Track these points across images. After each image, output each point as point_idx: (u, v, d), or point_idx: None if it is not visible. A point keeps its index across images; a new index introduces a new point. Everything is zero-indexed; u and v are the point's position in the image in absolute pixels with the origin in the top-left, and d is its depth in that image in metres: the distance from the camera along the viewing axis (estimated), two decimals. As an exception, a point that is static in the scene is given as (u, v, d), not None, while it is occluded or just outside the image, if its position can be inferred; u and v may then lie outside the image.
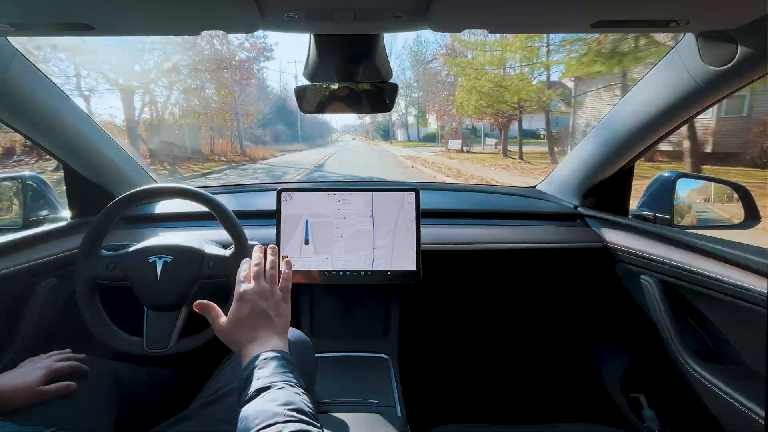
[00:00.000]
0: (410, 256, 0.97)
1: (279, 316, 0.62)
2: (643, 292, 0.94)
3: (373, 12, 0.57)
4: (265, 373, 0.51)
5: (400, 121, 36.86)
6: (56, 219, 1.10)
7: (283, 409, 0.45)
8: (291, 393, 0.48)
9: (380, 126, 43.91)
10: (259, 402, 0.47)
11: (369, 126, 48.03)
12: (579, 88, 12.07)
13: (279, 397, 0.47)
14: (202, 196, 0.86)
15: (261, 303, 0.61)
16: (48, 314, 0.94)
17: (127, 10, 0.55)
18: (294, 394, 0.48)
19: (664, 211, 1.04)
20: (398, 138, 37.08)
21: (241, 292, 0.62)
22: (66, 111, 0.94)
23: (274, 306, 0.62)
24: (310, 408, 0.48)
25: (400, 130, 37.98)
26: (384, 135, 42.34)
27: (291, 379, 0.51)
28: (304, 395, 0.49)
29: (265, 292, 0.63)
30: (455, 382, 1.37)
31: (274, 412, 0.45)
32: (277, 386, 0.49)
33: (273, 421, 0.44)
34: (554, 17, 0.61)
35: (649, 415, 0.98)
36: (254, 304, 0.60)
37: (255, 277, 0.64)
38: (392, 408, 0.80)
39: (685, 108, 0.85)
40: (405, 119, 35.70)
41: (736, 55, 0.68)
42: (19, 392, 0.65)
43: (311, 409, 0.48)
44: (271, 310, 0.61)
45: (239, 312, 0.60)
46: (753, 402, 0.67)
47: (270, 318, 0.60)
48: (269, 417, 0.44)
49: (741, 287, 0.72)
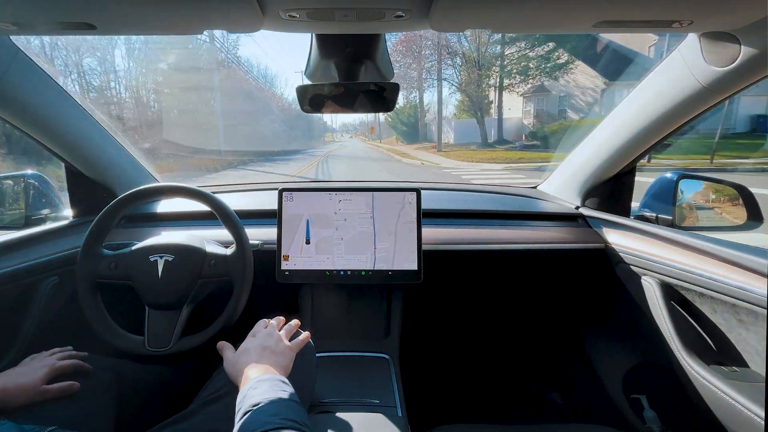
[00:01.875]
0: (411, 256, 0.97)
1: (283, 356, 0.66)
2: (645, 293, 0.94)
3: (374, 12, 0.57)
4: (258, 392, 0.54)
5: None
6: (58, 218, 1.10)
7: (274, 418, 0.48)
8: (285, 404, 0.51)
9: (401, 120, 25.45)
10: (252, 414, 0.49)
11: (373, 123, 38.41)
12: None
13: (271, 409, 0.50)
14: (203, 195, 0.86)
15: (269, 341, 0.67)
16: (50, 313, 0.95)
17: (129, 10, 0.55)
18: (286, 407, 0.51)
19: (666, 211, 1.04)
20: (451, 140, 20.22)
21: (254, 330, 0.70)
22: (68, 109, 0.94)
23: (281, 351, 0.67)
24: (302, 419, 0.50)
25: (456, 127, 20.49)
26: (408, 134, 25.45)
27: (285, 395, 0.53)
28: (297, 407, 0.52)
29: (276, 336, 0.69)
30: (456, 383, 1.37)
31: (265, 420, 0.48)
32: (270, 399, 0.51)
33: (265, 429, 0.46)
34: (557, 17, 0.61)
35: (650, 416, 0.97)
36: (263, 341, 0.67)
37: (267, 328, 0.71)
38: (393, 408, 0.80)
39: (688, 108, 0.85)
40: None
41: (739, 56, 0.68)
42: (21, 391, 0.65)
43: (304, 420, 0.50)
44: (277, 351, 0.66)
45: (247, 344, 0.67)
46: (754, 403, 0.67)
47: (274, 354, 0.65)
48: (261, 424, 0.47)
49: (742, 288, 0.72)
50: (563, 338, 1.35)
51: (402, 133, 27.36)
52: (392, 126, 29.45)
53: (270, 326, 0.72)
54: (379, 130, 38.16)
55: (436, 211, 1.17)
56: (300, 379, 0.72)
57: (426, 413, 1.01)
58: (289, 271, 0.97)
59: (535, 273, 1.24)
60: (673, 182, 1.04)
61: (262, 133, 24.83)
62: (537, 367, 1.39)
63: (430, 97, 25.58)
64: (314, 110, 0.79)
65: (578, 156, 1.19)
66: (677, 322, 0.85)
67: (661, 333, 0.88)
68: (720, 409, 0.74)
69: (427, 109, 24.96)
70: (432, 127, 23.16)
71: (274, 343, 0.68)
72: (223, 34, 13.86)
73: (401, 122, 26.06)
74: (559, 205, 1.25)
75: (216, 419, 0.64)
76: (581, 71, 16.24)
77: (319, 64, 0.77)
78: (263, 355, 0.64)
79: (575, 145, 1.20)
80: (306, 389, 0.76)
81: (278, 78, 47.51)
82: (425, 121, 25.49)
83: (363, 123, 54.36)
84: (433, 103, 21.51)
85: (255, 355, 0.64)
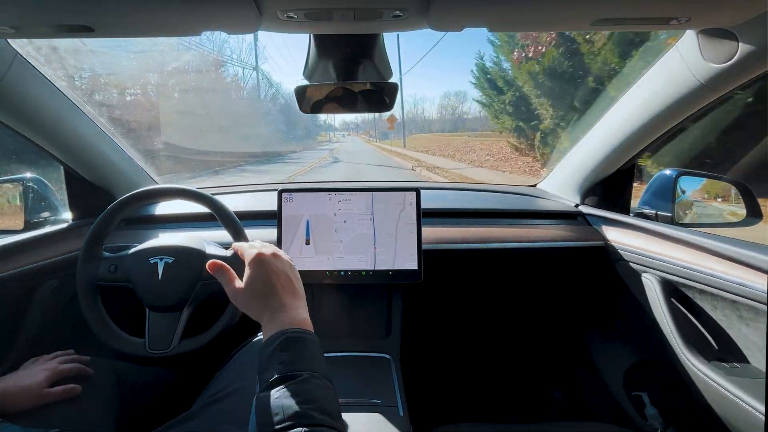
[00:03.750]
0: (411, 256, 0.97)
1: (297, 280, 0.57)
2: (645, 290, 0.94)
3: (372, 11, 0.57)
4: (288, 358, 0.45)
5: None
6: (57, 221, 1.10)
7: (306, 409, 0.40)
8: (315, 387, 0.43)
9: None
10: (279, 394, 0.42)
11: (379, 122, 29.69)
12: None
13: (302, 392, 0.42)
14: (203, 196, 0.86)
15: (278, 264, 0.56)
16: (50, 316, 0.95)
17: (127, 12, 0.55)
18: (318, 388, 0.43)
19: (666, 208, 1.04)
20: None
21: (255, 254, 0.56)
22: (67, 112, 0.94)
23: (290, 268, 0.58)
24: (335, 404, 0.44)
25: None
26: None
27: (316, 369, 0.45)
28: (328, 389, 0.45)
29: (280, 255, 0.58)
30: (458, 382, 1.37)
31: (295, 410, 0.40)
32: (301, 376, 0.43)
33: (293, 423, 0.39)
34: (555, 15, 0.61)
35: (651, 413, 0.97)
36: (272, 265, 0.55)
37: (266, 246, 0.60)
38: (395, 408, 0.80)
39: (686, 105, 0.85)
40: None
41: (737, 52, 0.68)
42: (23, 394, 0.65)
43: (335, 405, 0.44)
44: (289, 272, 0.56)
45: (256, 273, 0.54)
46: (754, 399, 0.67)
47: (290, 279, 0.56)
48: (290, 416, 0.40)
49: (742, 285, 0.72)
50: (564, 336, 1.35)
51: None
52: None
53: (271, 248, 0.59)
54: (404, 121, 26.45)
55: (436, 210, 1.17)
56: None
57: (428, 413, 1.01)
58: None
59: (535, 271, 1.24)
60: (672, 179, 1.04)
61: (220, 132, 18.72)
62: (538, 365, 1.39)
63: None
64: (313, 111, 0.79)
65: (577, 154, 1.19)
66: (678, 319, 0.86)
67: (661, 330, 0.88)
68: (721, 405, 0.74)
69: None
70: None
71: (284, 267, 0.57)
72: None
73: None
74: (558, 203, 1.25)
75: (218, 421, 0.64)
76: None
77: (318, 64, 0.77)
78: (280, 284, 0.54)
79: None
80: None
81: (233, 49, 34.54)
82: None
83: (365, 120, 45.53)
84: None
85: (272, 285, 0.53)
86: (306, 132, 42.05)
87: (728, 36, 0.68)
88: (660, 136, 0.96)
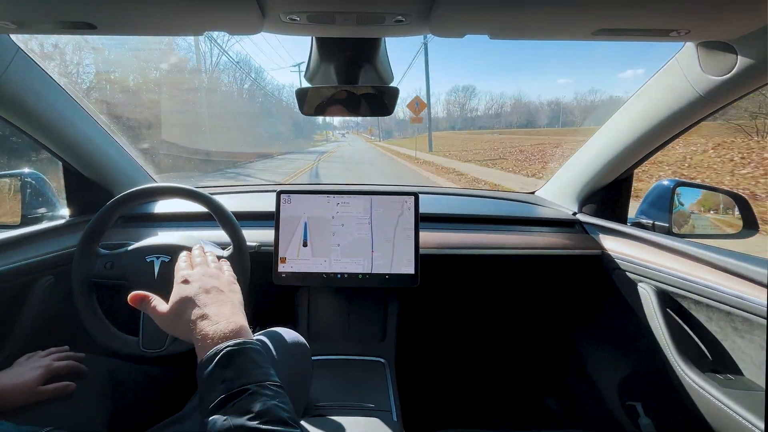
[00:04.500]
0: (408, 260, 0.97)
1: (233, 292, 0.54)
2: (641, 300, 0.94)
3: (374, 16, 0.58)
4: (231, 375, 0.43)
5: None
6: (54, 217, 1.09)
7: (256, 424, 0.39)
8: (264, 398, 0.41)
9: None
10: (228, 416, 0.40)
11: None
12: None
13: (251, 407, 0.40)
14: (201, 196, 0.86)
15: (210, 281, 0.54)
16: (45, 312, 0.94)
17: (130, 10, 0.55)
18: (268, 398, 0.41)
19: (663, 219, 1.05)
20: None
21: (183, 274, 0.54)
22: (67, 109, 0.94)
23: (226, 283, 0.55)
24: (287, 409, 0.42)
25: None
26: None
27: (262, 377, 0.43)
28: (279, 395, 0.43)
29: (212, 272, 0.56)
30: (452, 387, 1.36)
31: (247, 428, 0.38)
32: (248, 391, 0.41)
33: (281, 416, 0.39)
34: (556, 24, 0.62)
35: (645, 423, 0.97)
36: (201, 282, 0.53)
37: (199, 265, 0.58)
38: (388, 413, 0.80)
39: (685, 117, 0.85)
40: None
41: (735, 65, 0.69)
42: (16, 391, 0.64)
43: (288, 410, 0.42)
44: (223, 286, 0.54)
45: (183, 292, 0.52)
46: (749, 412, 0.67)
47: (222, 292, 0.53)
48: (277, 417, 0.39)
49: (739, 297, 0.72)
50: (559, 344, 1.35)
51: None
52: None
53: (202, 267, 0.57)
54: (430, 116, 21.64)
55: (434, 215, 1.18)
56: (295, 382, 0.71)
57: (421, 418, 1.01)
58: (286, 274, 0.97)
59: (532, 278, 1.25)
60: (669, 190, 1.04)
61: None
62: (533, 372, 1.39)
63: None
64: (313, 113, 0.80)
65: (576, 162, 1.19)
66: (673, 330, 0.86)
67: (656, 340, 0.88)
68: (715, 417, 0.74)
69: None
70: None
71: (217, 281, 0.54)
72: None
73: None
74: (556, 210, 1.25)
75: None
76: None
77: (319, 67, 0.77)
78: (210, 298, 0.51)
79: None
80: (301, 392, 0.76)
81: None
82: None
83: (365, 119, 45.92)
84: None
85: (201, 300, 0.51)
86: (300, 130, 34.78)
87: (727, 49, 0.68)
88: (658, 146, 0.96)
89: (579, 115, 70.37)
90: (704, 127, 8.12)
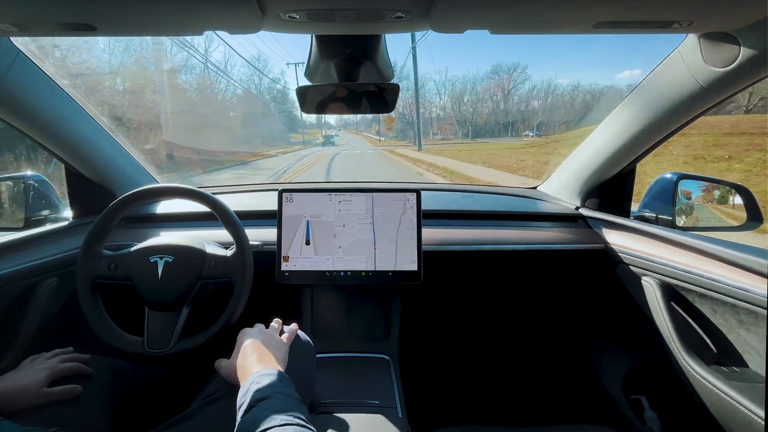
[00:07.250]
0: (411, 257, 0.97)
1: (278, 350, 0.67)
2: (645, 293, 0.94)
3: (374, 13, 0.57)
4: (262, 386, 0.53)
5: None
6: (58, 219, 1.10)
7: (280, 415, 0.47)
8: (288, 401, 0.51)
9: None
10: (256, 410, 0.49)
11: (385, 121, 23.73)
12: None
13: (276, 405, 0.49)
14: (203, 196, 0.86)
15: (260, 336, 0.68)
16: (50, 314, 0.95)
17: (129, 11, 0.55)
18: (290, 404, 0.51)
19: (666, 212, 1.04)
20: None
21: (243, 331, 0.71)
22: (69, 111, 0.94)
23: (275, 344, 0.68)
24: (307, 416, 0.50)
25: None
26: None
27: (287, 392, 0.54)
28: (300, 403, 0.52)
29: (266, 332, 0.71)
30: (456, 384, 1.37)
31: (271, 416, 0.47)
32: (274, 397, 0.51)
33: (271, 425, 0.45)
34: (556, 18, 0.61)
35: (650, 416, 0.97)
36: (254, 339, 0.67)
37: (259, 325, 0.74)
38: (393, 409, 0.80)
39: (688, 109, 0.85)
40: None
41: (738, 56, 0.68)
42: (22, 394, 0.65)
43: (307, 417, 0.50)
44: (270, 345, 0.67)
45: (239, 345, 0.67)
46: (754, 404, 0.67)
47: (269, 347, 0.66)
48: (267, 421, 0.46)
49: (743, 289, 0.72)
50: (563, 339, 1.35)
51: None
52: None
53: (258, 328, 0.73)
54: (419, 118, 17.51)
55: (436, 211, 1.17)
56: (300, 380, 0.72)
57: (426, 414, 1.01)
58: (289, 272, 0.97)
59: (535, 274, 1.24)
60: (672, 183, 1.04)
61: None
62: (537, 367, 1.39)
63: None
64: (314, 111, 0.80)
65: (578, 156, 1.19)
66: (677, 323, 0.86)
67: (661, 333, 0.88)
68: (720, 409, 0.74)
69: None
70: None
71: (268, 338, 0.69)
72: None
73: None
74: (559, 205, 1.25)
75: (215, 420, 0.64)
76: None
77: (319, 65, 0.77)
78: (259, 351, 0.64)
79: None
80: (306, 390, 0.76)
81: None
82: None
83: (366, 117, 33.22)
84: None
85: (251, 350, 0.64)
86: (279, 127, 26.85)
87: (730, 40, 0.68)
88: (661, 139, 0.96)
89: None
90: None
